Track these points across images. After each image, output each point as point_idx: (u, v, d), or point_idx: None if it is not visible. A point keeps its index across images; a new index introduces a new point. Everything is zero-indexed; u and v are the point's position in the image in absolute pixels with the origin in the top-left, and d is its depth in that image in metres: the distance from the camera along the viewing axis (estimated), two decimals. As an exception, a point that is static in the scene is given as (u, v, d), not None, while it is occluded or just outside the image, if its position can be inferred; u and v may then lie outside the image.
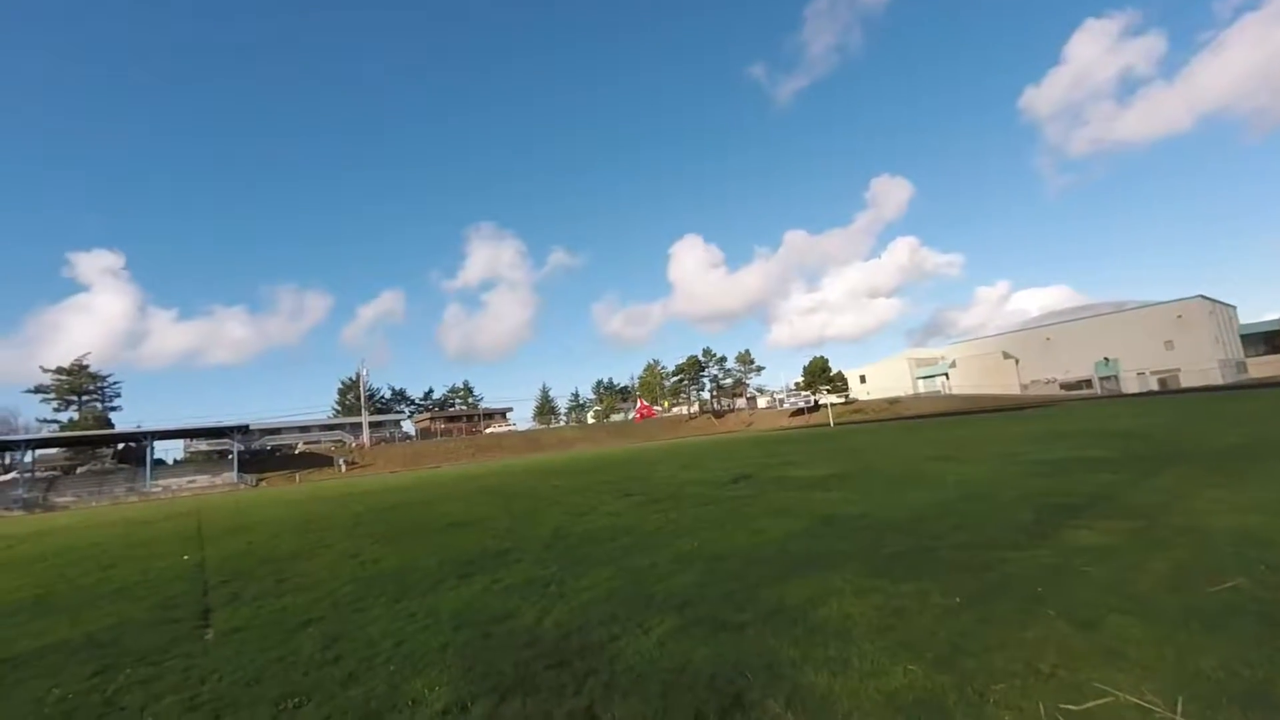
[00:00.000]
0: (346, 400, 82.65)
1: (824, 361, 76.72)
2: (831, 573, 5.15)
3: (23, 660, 4.96)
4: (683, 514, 9.43)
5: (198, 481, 50.39)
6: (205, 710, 3.54)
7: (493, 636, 4.38)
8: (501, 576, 6.28)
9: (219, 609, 6.12)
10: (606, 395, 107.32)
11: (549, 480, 19.83)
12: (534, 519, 10.52)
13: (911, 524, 6.94)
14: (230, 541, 11.71)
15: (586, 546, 7.51)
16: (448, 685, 3.55)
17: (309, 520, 14.42)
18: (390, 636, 4.60)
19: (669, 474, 17.37)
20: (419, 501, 16.61)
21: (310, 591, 6.48)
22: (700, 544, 6.97)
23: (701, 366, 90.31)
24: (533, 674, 3.60)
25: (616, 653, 3.82)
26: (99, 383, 65.88)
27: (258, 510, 19.85)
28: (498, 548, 7.98)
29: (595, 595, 5.22)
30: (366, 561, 7.96)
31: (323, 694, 3.61)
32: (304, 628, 5.10)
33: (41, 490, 46.37)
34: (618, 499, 12.30)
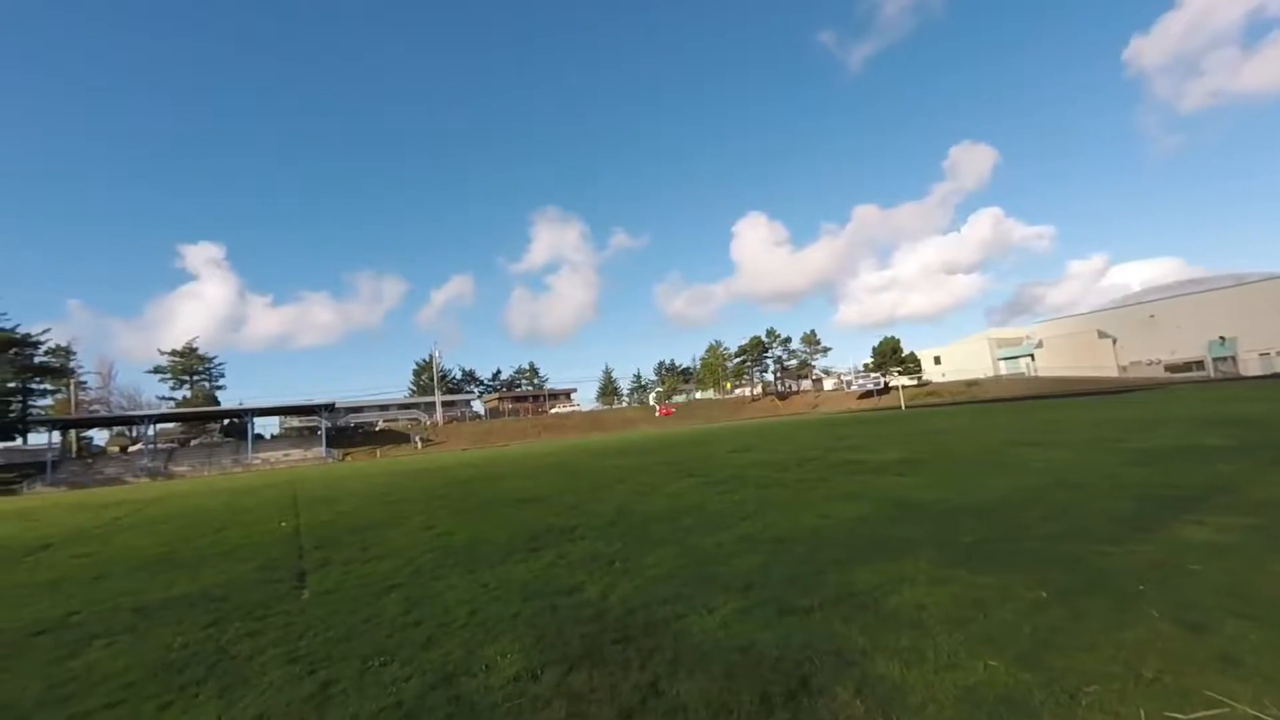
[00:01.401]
0: (421, 380, 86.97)
1: (895, 342, 73.55)
2: (903, 560, 4.96)
3: (153, 609, 5.57)
4: (746, 495, 9.34)
5: (291, 455, 54.71)
6: (303, 663, 3.85)
7: (560, 609, 4.52)
8: (567, 552, 6.46)
9: (313, 571, 6.64)
10: (668, 376, 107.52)
11: (612, 460, 20.16)
12: (598, 497, 10.74)
13: (992, 512, 6.57)
14: (321, 510, 12.65)
15: (649, 525, 7.59)
16: (519, 653, 3.70)
17: (389, 493, 15.35)
18: (465, 604, 4.84)
19: (731, 455, 17.24)
20: (489, 478, 17.32)
21: (392, 559, 6.91)
22: (764, 526, 6.89)
23: (765, 347, 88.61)
24: (599, 647, 3.68)
25: (681, 631, 3.85)
26: (207, 363, 72.48)
27: (344, 482, 21.33)
28: (563, 524, 8.20)
29: (659, 573, 5.27)
30: (442, 533, 8.39)
31: (405, 655, 3.84)
32: (387, 592, 5.44)
33: (163, 460, 51.81)
34: (680, 479, 12.34)
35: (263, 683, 3.60)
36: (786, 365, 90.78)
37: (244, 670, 3.83)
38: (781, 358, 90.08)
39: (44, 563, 8.93)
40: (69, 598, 6.35)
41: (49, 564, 8.77)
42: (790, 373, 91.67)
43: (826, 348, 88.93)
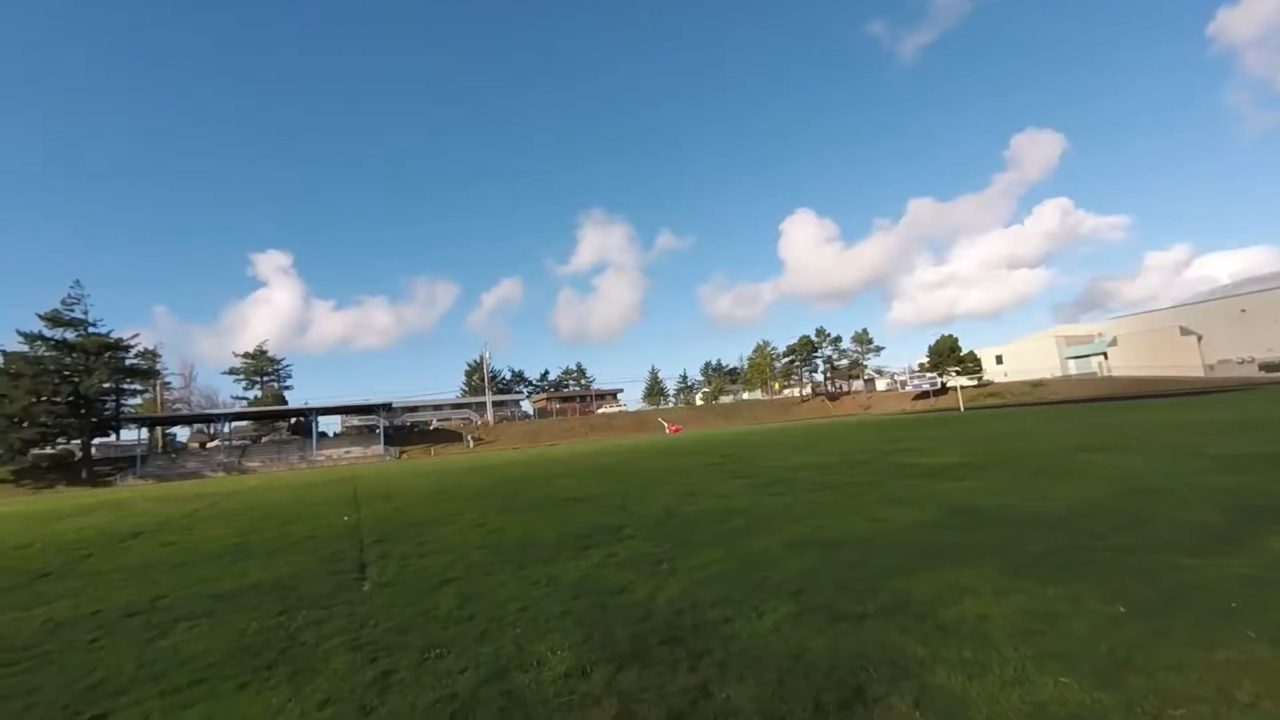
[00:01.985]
0: (472, 381, 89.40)
1: (953, 340, 70.61)
2: (964, 568, 4.75)
3: (229, 596, 5.95)
4: (796, 498, 9.17)
5: (352, 452, 57.23)
6: (365, 651, 4.03)
7: (609, 608, 4.55)
8: (616, 551, 6.50)
9: (373, 564, 6.93)
10: (715, 377, 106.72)
11: (658, 460, 20.17)
12: (645, 498, 10.76)
13: (1062, 520, 6.21)
14: (380, 506, 13.19)
15: (697, 527, 7.55)
16: (569, 650, 3.75)
17: (443, 490, 15.85)
18: (516, 600, 4.94)
19: (780, 457, 16.95)
20: (538, 477, 17.63)
21: (446, 554, 7.13)
22: (814, 529, 6.74)
23: (814, 347, 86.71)
24: (648, 647, 3.69)
25: (730, 634, 3.81)
26: (275, 365, 76.71)
27: (401, 479, 22.16)
28: (611, 524, 8.26)
29: (707, 575, 5.24)
30: (493, 530, 8.60)
31: (460, 647, 3.96)
32: (442, 586, 5.62)
33: (237, 456, 55.20)
34: (728, 480, 12.23)
35: (328, 669, 3.78)
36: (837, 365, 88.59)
37: (311, 656, 4.03)
38: (831, 357, 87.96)
39: (135, 549, 9.67)
40: (156, 583, 6.85)
41: (139, 551, 9.48)
42: (841, 373, 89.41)
43: (879, 347, 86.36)
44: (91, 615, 5.62)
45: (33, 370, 47.51)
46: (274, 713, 3.22)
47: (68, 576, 7.75)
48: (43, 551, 10.27)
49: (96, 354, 50.79)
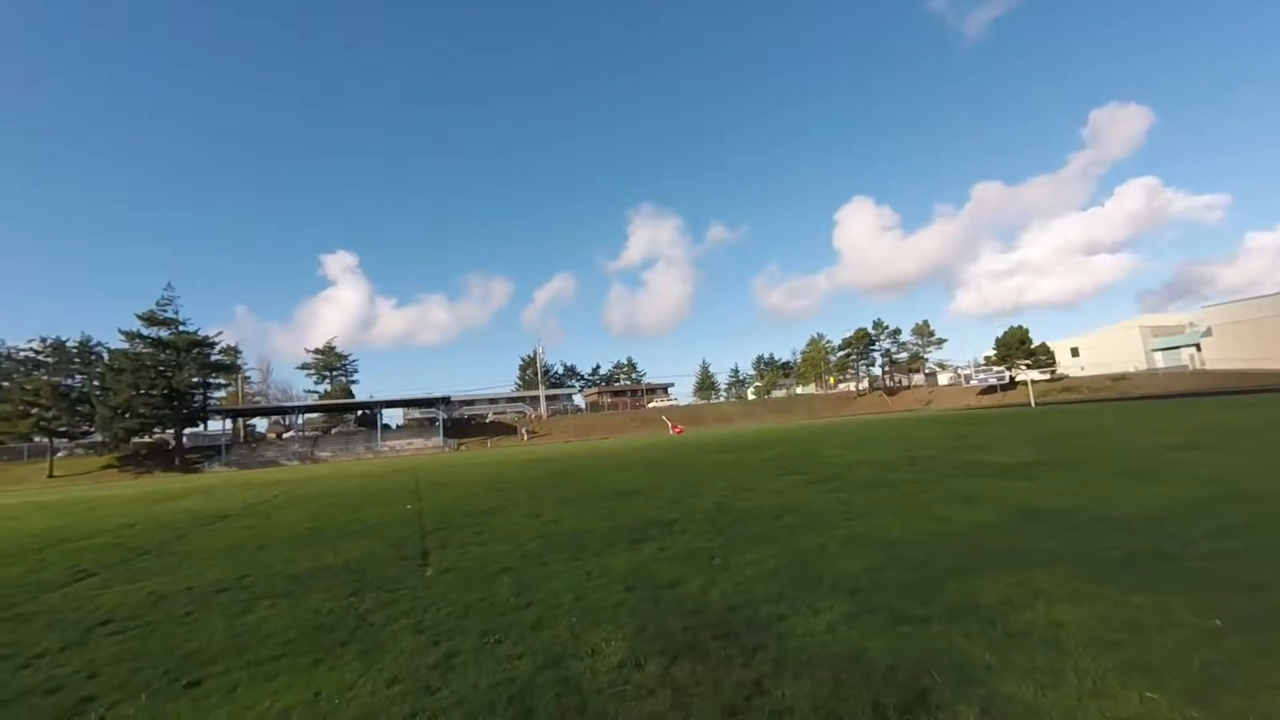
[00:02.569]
0: (526, 375, 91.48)
1: (1022, 332, 66.84)
2: (1035, 572, 4.51)
3: (305, 577, 6.33)
4: (852, 495, 8.92)
5: (414, 444, 59.69)
6: (429, 634, 4.21)
7: (662, 601, 4.58)
8: (668, 545, 6.52)
9: (434, 551, 7.21)
10: (767, 371, 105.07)
11: (709, 455, 20.06)
12: (697, 492, 10.73)
13: (1147, 524, 5.79)
14: (440, 495, 13.71)
15: (750, 522, 7.47)
16: (622, 641, 3.79)
17: (499, 481, 16.31)
18: (570, 591, 5.03)
19: (835, 453, 16.53)
20: (591, 469, 17.88)
21: (503, 543, 7.34)
22: (873, 528, 6.55)
23: (871, 340, 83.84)
24: (701, 641, 3.69)
25: (784, 631, 3.76)
26: (343, 360, 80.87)
27: (459, 470, 22.96)
28: (663, 518, 8.28)
29: (760, 572, 5.18)
30: (548, 521, 8.79)
31: (517, 634, 4.07)
32: (499, 575, 5.79)
33: (309, 446, 58.59)
34: (781, 476, 12.03)
35: (395, 648, 3.97)
36: (895, 358, 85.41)
37: (379, 636, 4.25)
38: (890, 350, 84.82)
39: (222, 531, 10.44)
40: (241, 563, 7.37)
41: (225, 533, 10.23)
42: (900, 366, 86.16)
43: (941, 339, 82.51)
44: (186, 590, 6.11)
45: (133, 366, 51.98)
46: (346, 688, 3.41)
47: (165, 554, 8.45)
48: (144, 531, 11.24)
49: (186, 350, 55.06)
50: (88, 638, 4.74)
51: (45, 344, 56.74)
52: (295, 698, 3.33)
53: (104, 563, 8.06)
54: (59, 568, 7.94)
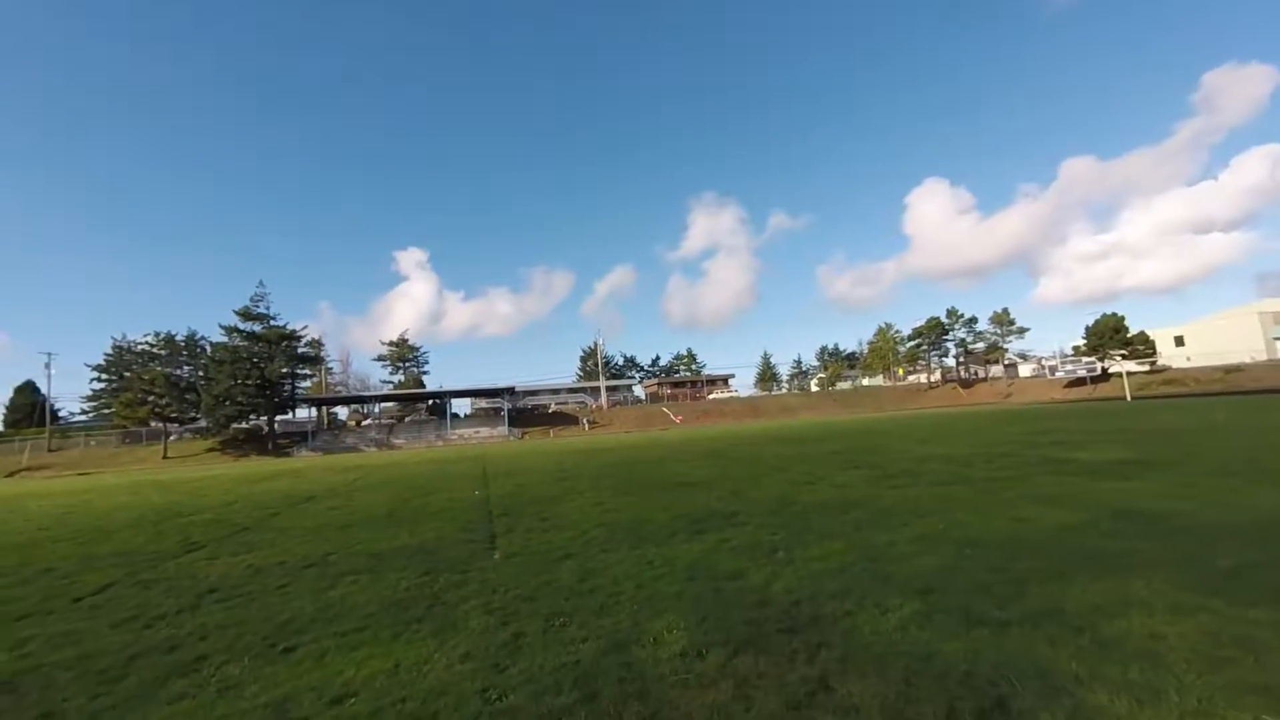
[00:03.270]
0: (586, 367, 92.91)
1: (1117, 319, 61.75)
2: (1130, 579, 4.18)
3: (384, 556, 6.73)
4: (923, 492, 8.55)
5: (480, 432, 61.99)
6: (498, 615, 4.38)
7: (723, 592, 4.56)
8: (729, 537, 6.48)
9: (501, 535, 7.49)
10: (831, 362, 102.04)
11: (772, 447, 19.74)
12: (758, 484, 10.60)
13: (1264, 531, 5.24)
14: (505, 482, 14.19)
15: (814, 516, 7.31)
16: (684, 630, 3.81)
17: (562, 470, 16.70)
18: (632, 578, 5.10)
19: (905, 447, 15.88)
20: (651, 460, 18.00)
21: (566, 530, 7.53)
22: (946, 526, 6.26)
23: (944, 329, 79.82)
24: (764, 634, 3.65)
25: (850, 628, 3.66)
26: (415, 352, 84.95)
27: (523, 459, 23.66)
28: (724, 509, 8.24)
29: (825, 567, 5.06)
30: (609, 510, 8.93)
31: (580, 619, 4.18)
32: (563, 560, 5.95)
33: (385, 433, 62.00)
34: (846, 470, 11.69)
35: (467, 627, 4.16)
36: (971, 349, 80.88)
37: (452, 615, 4.46)
38: (965, 340, 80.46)
39: (309, 511, 11.24)
40: (326, 541, 7.92)
41: (312, 513, 11.01)
42: (976, 357, 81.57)
43: (1022, 328, 77.44)
44: (280, 565, 6.63)
45: (231, 358, 56.60)
46: (423, 661, 3.61)
47: (261, 530, 9.20)
48: (243, 509, 12.27)
49: (276, 343, 59.37)
50: (199, 603, 5.24)
51: (158, 338, 62.74)
52: (377, 667, 3.55)
53: (211, 536, 8.87)
54: (173, 539, 8.80)
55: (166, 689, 3.45)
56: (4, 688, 3.63)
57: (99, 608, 5.32)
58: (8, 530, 11.37)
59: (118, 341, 62.44)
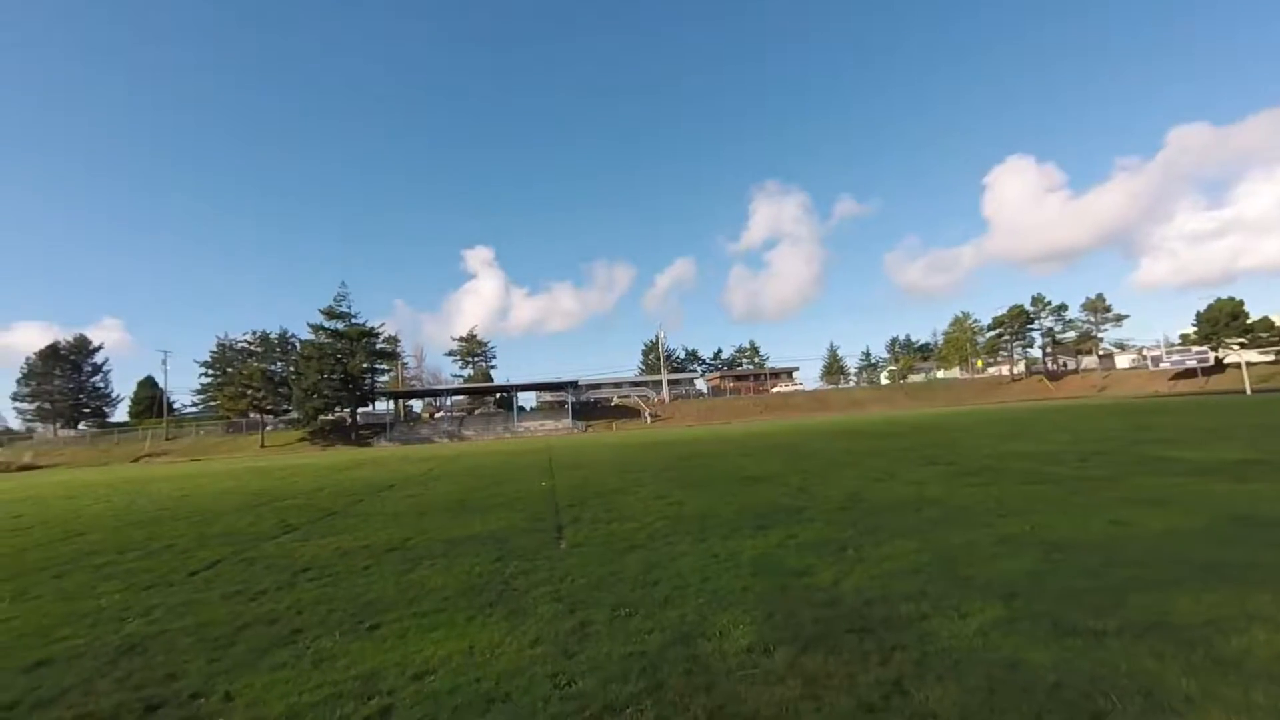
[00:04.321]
0: (648, 360, 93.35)
1: (1234, 304, 55.81)
2: (1250, 590, 3.77)
3: (458, 542, 7.05)
4: (1006, 490, 8.06)
5: (545, 425, 63.58)
6: (565, 603, 4.49)
7: (790, 589, 4.48)
8: (796, 533, 6.35)
9: (567, 526, 7.66)
10: (903, 354, 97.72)
11: (840, 442, 19.16)
12: (826, 480, 10.32)
13: None
14: (571, 474, 14.50)
15: (885, 514, 7.05)
16: (750, 625, 3.77)
17: (625, 463, 16.89)
18: (697, 572, 5.10)
19: (985, 443, 15.00)
20: (714, 454, 17.88)
21: (630, 522, 7.61)
22: (1031, 527, 5.87)
23: (1029, 317, 74.69)
24: (834, 633, 3.56)
25: (926, 632, 3.51)
26: (483, 347, 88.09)
27: (587, 451, 24.09)
28: (791, 505, 8.08)
29: (899, 567, 4.87)
30: (673, 503, 8.95)
31: (646, 610, 4.22)
32: (628, 552, 6.02)
33: (456, 425, 64.74)
34: (920, 466, 11.18)
35: (536, 613, 4.29)
36: (1060, 338, 75.24)
37: (522, 601, 4.61)
38: (1053, 329, 74.94)
39: (389, 498, 11.92)
40: (405, 527, 8.37)
41: (393, 500, 11.67)
42: (1065, 347, 75.88)
43: (1119, 315, 71.45)
44: (364, 548, 7.07)
45: (318, 354, 60.73)
46: (495, 645, 3.75)
47: (347, 515, 9.84)
48: (330, 495, 13.17)
49: (357, 340, 63.14)
50: (294, 581, 5.67)
51: (255, 336, 68.03)
52: (454, 648, 3.73)
53: (303, 520, 9.58)
54: (271, 522, 9.57)
55: (269, 658, 3.76)
56: (136, 650, 4.07)
57: (211, 581, 5.87)
58: (137, 509, 12.73)
59: (221, 340, 68.32)
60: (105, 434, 68.39)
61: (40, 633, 4.57)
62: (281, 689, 3.29)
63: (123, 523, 10.67)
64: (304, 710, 3.03)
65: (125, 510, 12.75)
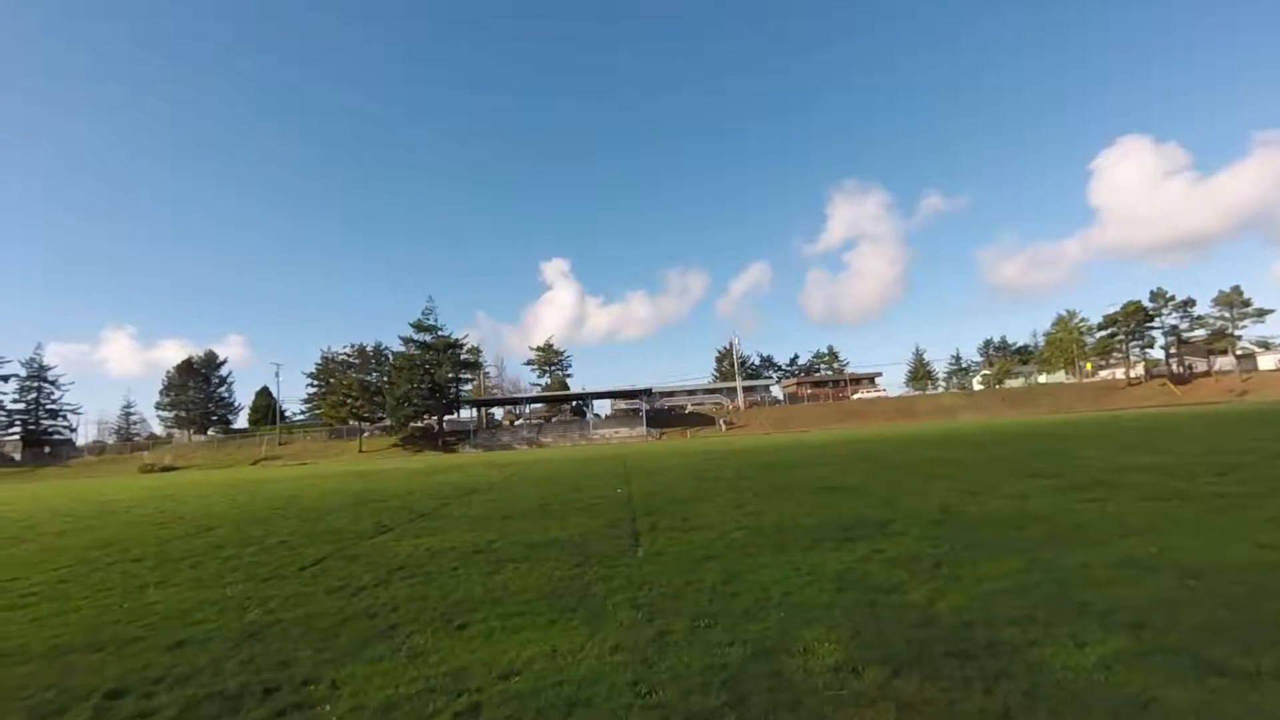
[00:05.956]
0: (722, 367, 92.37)
1: None
2: None
3: (539, 546, 7.23)
4: (1125, 507, 7.28)
5: (620, 432, 64.30)
6: (644, 611, 4.49)
7: (879, 606, 4.25)
8: (883, 547, 6.03)
9: (644, 533, 7.67)
10: (998, 357, 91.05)
11: (928, 451, 18.07)
12: (915, 492, 9.75)
13: None
14: (646, 481, 14.55)
15: (983, 529, 6.55)
16: (837, 643, 3.61)
17: (700, 471, 16.74)
18: (778, 585, 4.95)
19: (1099, 454, 13.64)
20: (792, 463, 17.38)
21: (707, 531, 7.51)
22: (1161, 549, 5.25)
23: (1148, 315, 67.48)
24: (930, 656, 3.34)
25: (1037, 660, 3.21)
26: (560, 356, 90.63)
27: (662, 458, 24.11)
28: (876, 517, 7.69)
29: (1001, 587, 4.50)
30: (750, 512, 8.75)
31: (726, 622, 4.13)
32: (705, 561, 5.94)
33: (535, 432, 66.78)
34: (1022, 479, 10.32)
35: (616, 620, 4.32)
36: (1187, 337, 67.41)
37: (601, 607, 4.66)
38: (1178, 327, 67.27)
39: (474, 502, 12.45)
40: (489, 530, 8.70)
41: (477, 504, 12.18)
42: (1194, 347, 67.87)
43: (1261, 310, 62.98)
44: (452, 549, 7.41)
45: (408, 365, 64.76)
46: (577, 649, 3.80)
47: (436, 518, 10.37)
48: (421, 498, 13.93)
49: (443, 351, 66.81)
50: (390, 578, 6.03)
51: (353, 349, 73.54)
52: (537, 650, 3.81)
53: (397, 521, 10.18)
54: (369, 522, 10.24)
55: (369, 650, 4.01)
56: (255, 636, 4.47)
57: (317, 576, 6.35)
58: (255, 508, 14.04)
59: (324, 353, 74.39)
60: (229, 439, 76.26)
61: (179, 616, 5.12)
62: (380, 680, 3.50)
63: (244, 519, 11.79)
64: (400, 702, 3.20)
65: (246, 508, 14.09)
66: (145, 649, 4.31)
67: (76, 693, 3.57)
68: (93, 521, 13.07)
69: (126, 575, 6.97)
